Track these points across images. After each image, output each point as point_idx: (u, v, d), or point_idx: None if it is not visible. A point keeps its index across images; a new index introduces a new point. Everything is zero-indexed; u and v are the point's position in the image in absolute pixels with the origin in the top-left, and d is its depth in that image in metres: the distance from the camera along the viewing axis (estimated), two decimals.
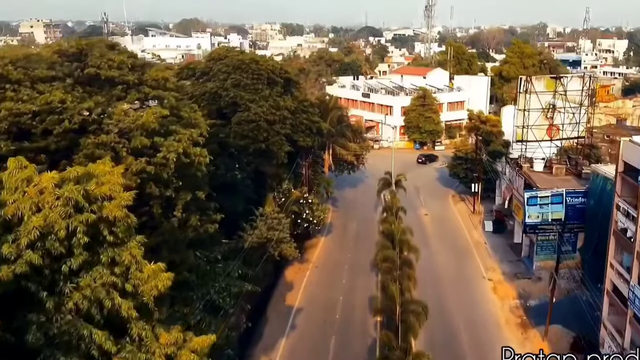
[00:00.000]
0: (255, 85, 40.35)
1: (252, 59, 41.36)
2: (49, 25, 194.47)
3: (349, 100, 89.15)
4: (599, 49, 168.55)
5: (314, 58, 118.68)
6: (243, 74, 40.58)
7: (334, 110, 51.20)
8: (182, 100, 30.08)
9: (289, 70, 46.10)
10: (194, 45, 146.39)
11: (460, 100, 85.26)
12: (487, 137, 57.95)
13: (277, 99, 40.73)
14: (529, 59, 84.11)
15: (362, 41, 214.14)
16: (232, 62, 41.32)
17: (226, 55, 42.57)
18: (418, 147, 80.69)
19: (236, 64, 40.98)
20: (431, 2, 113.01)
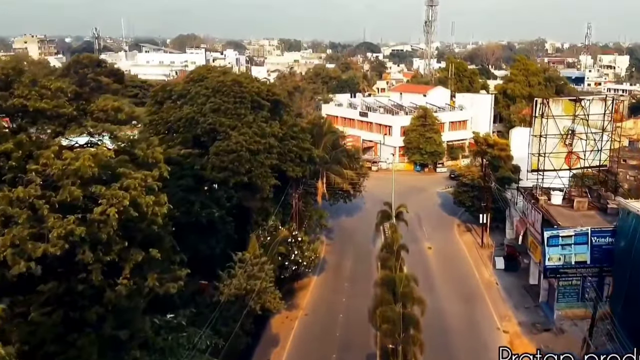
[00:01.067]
0: (238, 109, 35.20)
1: (234, 81, 36.23)
2: (43, 41, 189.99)
3: (346, 119, 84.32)
4: (600, 65, 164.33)
5: (310, 75, 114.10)
6: (224, 97, 35.46)
7: (328, 134, 46.07)
8: (143, 133, 24.86)
9: (278, 92, 40.92)
10: (189, 61, 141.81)
11: (462, 119, 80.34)
12: (494, 161, 52.86)
13: (263, 124, 35.56)
14: (534, 77, 79.35)
15: (360, 57, 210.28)
16: (211, 84, 36.20)
17: (206, 76, 37.46)
18: (419, 169, 75.57)
19: (216, 86, 35.86)
20: (431, 18, 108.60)
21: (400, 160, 77.18)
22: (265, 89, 38.96)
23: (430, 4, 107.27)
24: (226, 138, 33.69)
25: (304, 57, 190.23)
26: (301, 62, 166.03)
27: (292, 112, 41.48)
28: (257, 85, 37.47)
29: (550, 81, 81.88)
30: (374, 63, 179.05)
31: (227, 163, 32.96)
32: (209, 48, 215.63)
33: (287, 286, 37.87)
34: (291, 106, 41.91)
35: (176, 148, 34.01)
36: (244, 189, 34.81)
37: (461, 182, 52.96)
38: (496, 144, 53.22)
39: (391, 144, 77.29)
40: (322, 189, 45.58)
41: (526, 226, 41.12)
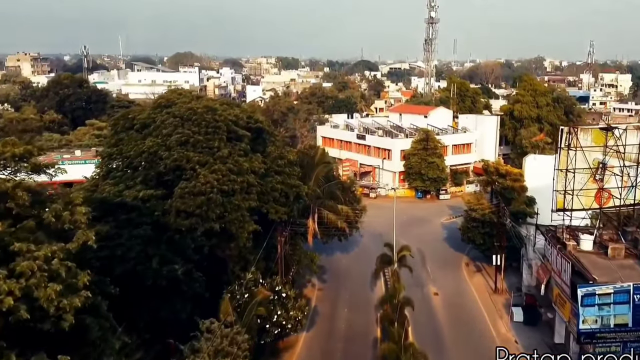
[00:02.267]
0: (210, 142, 29.10)
1: (206, 107, 30.19)
2: (37, 59, 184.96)
3: (342, 142, 78.35)
4: (602, 83, 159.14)
5: (306, 94, 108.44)
6: (193, 128, 29.40)
7: (320, 165, 39.90)
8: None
9: (261, 119, 34.86)
10: (181, 80, 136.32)
11: (466, 142, 74.42)
12: (507, 193, 46.77)
13: (240, 159, 29.44)
14: (542, 97, 73.53)
15: (358, 75, 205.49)
16: (180, 111, 30.16)
17: (175, 102, 31.41)
18: (420, 195, 69.33)
19: (185, 113, 29.82)
20: (431, 36, 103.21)
21: (401, 186, 70.98)
22: (245, 116, 32.94)
23: (430, 22, 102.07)
24: (193, 177, 27.50)
25: (300, 75, 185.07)
26: (298, 81, 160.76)
27: (279, 141, 35.28)
28: (234, 113, 31.35)
29: (559, 102, 76.08)
30: (372, 82, 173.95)
31: (193, 208, 26.72)
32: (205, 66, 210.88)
33: (269, 348, 31.53)
34: (277, 135, 35.74)
35: (135, 189, 27.94)
36: (217, 236, 28.57)
37: (469, 216, 46.67)
38: (508, 174, 47.23)
39: (391, 169, 71.22)
40: (313, 227, 39.29)
41: (550, 274, 34.83)
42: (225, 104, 33.07)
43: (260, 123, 33.99)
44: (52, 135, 60.26)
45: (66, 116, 75.26)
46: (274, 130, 35.51)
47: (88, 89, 78.75)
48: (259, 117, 34.69)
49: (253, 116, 34.26)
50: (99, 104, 78.69)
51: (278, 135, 35.50)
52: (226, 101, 34.45)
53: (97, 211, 27.37)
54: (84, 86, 79.03)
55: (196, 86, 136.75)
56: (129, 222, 26.49)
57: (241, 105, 36.13)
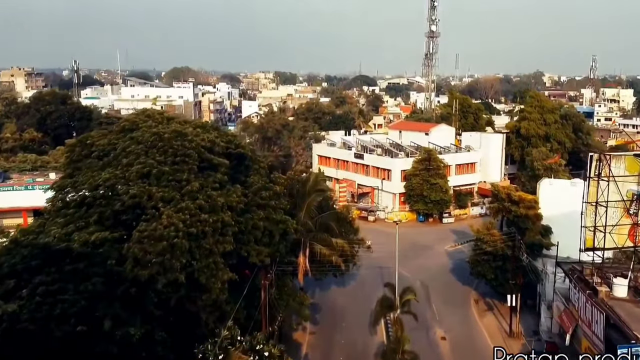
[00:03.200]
0: (178, 173, 24.22)
1: (175, 132, 25.31)
2: (31, 74, 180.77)
3: (339, 161, 73.51)
4: (603, 98, 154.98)
5: (302, 110, 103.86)
6: (159, 156, 24.54)
7: (313, 193, 34.99)
8: None
9: (244, 144, 30.07)
10: (176, 96, 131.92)
11: (470, 161, 69.63)
12: (520, 222, 41.87)
13: (214, 193, 24.51)
14: (550, 114, 68.89)
15: (356, 90, 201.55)
16: (144, 137, 25.31)
17: (140, 125, 26.57)
18: (422, 219, 64.34)
19: (150, 139, 24.96)
20: (432, 50, 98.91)
21: (401, 208, 66.12)
22: (223, 140, 28.10)
23: (430, 36, 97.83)
24: (155, 217, 22.54)
25: (298, 90, 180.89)
26: (295, 96, 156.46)
27: (263, 168, 30.34)
28: (209, 137, 26.47)
29: (567, 118, 71.46)
30: (370, 96, 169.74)
31: (153, 255, 21.72)
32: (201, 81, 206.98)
33: None
34: (262, 161, 30.80)
35: (88, 231, 23.03)
36: (186, 287, 23.53)
37: (479, 247, 41.64)
38: (522, 201, 42.29)
39: (390, 190, 66.32)
40: (304, 264, 34.31)
41: (577, 323, 29.79)
42: (200, 127, 28.24)
43: (242, 148, 29.13)
44: (27, 156, 55.38)
45: (48, 134, 70.49)
46: (259, 156, 30.53)
47: (72, 106, 74.04)
48: (240, 142, 29.79)
49: (234, 140, 29.37)
50: (83, 122, 73.94)
51: (263, 161, 30.55)
52: (202, 124, 29.54)
53: (37, 260, 22.61)
54: (67, 103, 74.35)
55: (190, 101, 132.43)
56: (76, 273, 21.61)
57: (220, 127, 31.05)
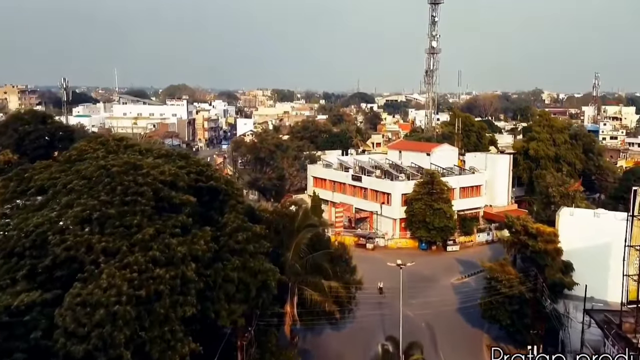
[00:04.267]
0: (127, 217, 19.06)
1: (126, 164, 20.21)
2: (24, 91, 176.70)
3: (336, 183, 68.43)
4: (605, 116, 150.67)
5: (298, 128, 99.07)
6: (104, 195, 19.41)
7: (303, 229, 29.80)
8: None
9: (218, 174, 24.93)
10: (169, 113, 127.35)
11: (476, 184, 64.55)
12: (539, 258, 36.65)
13: (174, 241, 19.31)
14: (559, 134, 64.10)
15: (354, 107, 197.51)
16: (89, 170, 20.19)
17: (87, 154, 21.48)
18: (424, 247, 59.05)
19: (95, 173, 19.84)
20: (432, 67, 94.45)
21: (401, 235, 60.87)
22: (192, 172, 23.04)
23: (431, 52, 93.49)
24: (94, 276, 17.33)
25: (294, 108, 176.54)
26: (291, 114, 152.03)
27: (242, 203, 25.16)
28: (172, 170, 21.35)
29: (577, 138, 66.69)
30: (368, 114, 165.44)
31: (89, 327, 16.45)
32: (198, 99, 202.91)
33: None
34: (240, 194, 25.62)
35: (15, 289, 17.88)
36: None
37: (492, 287, 36.35)
38: (540, 234, 37.06)
39: (390, 216, 61.12)
40: (292, 314, 28.99)
41: None
42: (163, 156, 23.14)
43: (215, 180, 23.96)
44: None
45: (26, 156, 65.14)
46: (236, 189, 25.36)
47: (52, 125, 69.08)
48: (214, 172, 24.65)
49: (205, 171, 24.23)
50: (65, 142, 68.65)
51: (241, 195, 25.41)
52: (166, 152, 24.37)
53: None
54: (47, 122, 69.36)
55: (184, 119, 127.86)
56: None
57: (192, 156, 25.86)
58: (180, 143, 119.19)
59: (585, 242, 37.27)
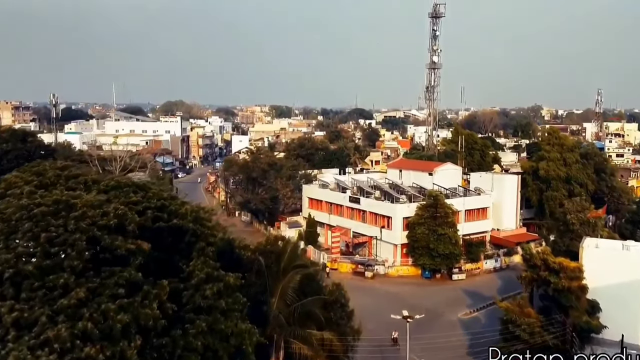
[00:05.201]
0: (51, 276, 14.25)
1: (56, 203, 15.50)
2: (18, 108, 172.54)
3: (332, 204, 63.71)
4: (607, 132, 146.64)
5: (293, 146, 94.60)
6: (23, 245, 14.67)
7: (291, 270, 25.01)
8: None
9: (186, 209, 20.14)
10: (162, 130, 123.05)
11: (482, 206, 59.88)
12: (562, 297, 31.90)
13: (112, 306, 14.49)
14: (570, 153, 59.62)
15: (352, 123, 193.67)
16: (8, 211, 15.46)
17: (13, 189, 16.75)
18: (428, 275, 54.11)
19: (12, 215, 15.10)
20: (433, 83, 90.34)
21: (403, 261, 56.00)
22: (151, 207, 18.34)
23: (432, 67, 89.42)
24: None
25: (291, 124, 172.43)
26: (288, 130, 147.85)
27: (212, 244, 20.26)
28: (121, 209, 16.63)
29: (588, 158, 62.23)
30: (366, 130, 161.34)
31: None
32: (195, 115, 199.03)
33: None
34: (212, 234, 20.77)
35: None
36: None
37: (510, 332, 31.45)
38: (564, 269, 32.32)
39: (391, 241, 56.30)
40: None
41: None
42: (113, 189, 18.43)
43: (180, 218, 19.25)
44: None
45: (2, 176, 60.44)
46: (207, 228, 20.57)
47: (32, 144, 64.55)
48: (179, 207, 19.92)
49: (169, 206, 19.53)
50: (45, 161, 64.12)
51: (214, 233, 20.62)
52: (117, 183, 19.48)
53: None
54: (27, 140, 64.84)
55: (177, 136, 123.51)
56: None
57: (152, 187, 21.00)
58: (173, 160, 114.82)
59: (613, 278, 32.70)
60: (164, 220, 19.06)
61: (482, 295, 48.47)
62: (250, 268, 24.29)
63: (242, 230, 72.59)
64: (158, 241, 18.85)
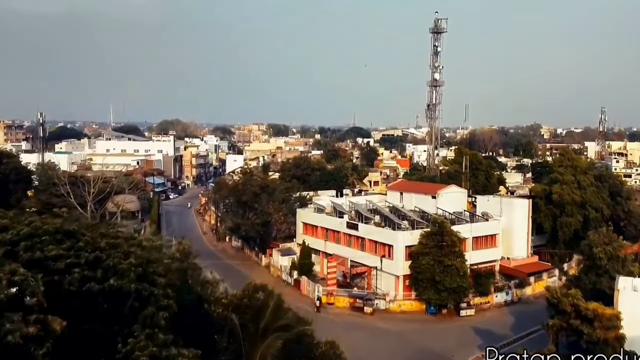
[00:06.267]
0: None
1: None
2: (11, 127, 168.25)
3: (328, 230, 58.58)
4: (609, 151, 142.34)
5: (289, 166, 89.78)
6: None
7: (273, 332, 19.77)
8: None
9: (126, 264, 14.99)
10: (155, 150, 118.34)
11: (491, 233, 54.77)
12: (597, 349, 26.74)
13: None
14: (584, 176, 54.78)
15: (350, 142, 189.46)
16: None
17: None
18: (433, 310, 48.65)
19: None
20: (435, 101, 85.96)
21: (405, 295, 50.63)
22: (70, 266, 13.25)
23: (433, 85, 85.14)
24: None
25: (288, 143, 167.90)
26: (285, 149, 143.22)
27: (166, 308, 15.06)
28: (21, 269, 11.52)
29: (602, 180, 57.43)
30: (364, 149, 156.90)
31: None
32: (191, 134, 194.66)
33: None
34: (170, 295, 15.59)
35: None
36: None
37: None
38: (598, 317, 27.21)
39: (392, 272, 51.03)
40: None
41: None
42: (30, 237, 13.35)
43: (121, 277, 14.19)
44: None
45: None
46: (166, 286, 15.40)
47: (7, 167, 59.56)
48: (119, 261, 14.79)
49: (107, 258, 14.46)
50: (20, 184, 59.34)
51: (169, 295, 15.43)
52: (35, 228, 14.18)
53: None
54: (2, 162, 59.90)
55: (170, 155, 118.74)
56: None
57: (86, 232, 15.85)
58: (164, 181, 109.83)
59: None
60: (97, 281, 14.01)
61: (495, 335, 43.11)
62: (221, 328, 19.22)
63: (233, 257, 67.40)
64: (88, 309, 13.79)
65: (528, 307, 49.72)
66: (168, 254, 23.92)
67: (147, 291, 14.96)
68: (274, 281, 57.26)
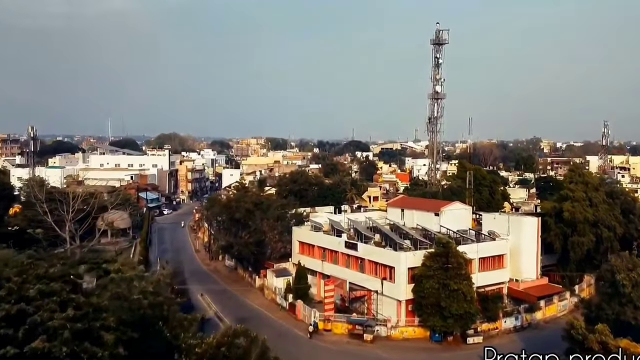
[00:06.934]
0: None
1: None
2: (6, 141, 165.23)
3: (326, 250, 55.09)
4: (612, 165, 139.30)
5: (285, 181, 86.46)
6: None
7: None
8: None
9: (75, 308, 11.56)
10: (149, 164, 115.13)
11: (498, 253, 51.34)
12: None
13: None
14: (595, 192, 51.52)
15: (349, 156, 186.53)
16: None
17: None
18: (438, 338, 44.95)
19: None
20: (437, 114, 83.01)
21: (408, 321, 46.98)
22: None
23: (435, 97, 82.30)
24: None
25: (286, 157, 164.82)
26: (282, 163, 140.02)
27: None
28: None
29: (614, 197, 54.15)
30: (363, 163, 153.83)
31: None
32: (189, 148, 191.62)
33: None
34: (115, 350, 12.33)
35: None
36: None
37: None
38: (629, 356, 23.72)
39: (394, 296, 47.43)
40: None
41: None
42: None
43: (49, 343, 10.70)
44: None
45: None
46: None
47: None
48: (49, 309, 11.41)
49: None
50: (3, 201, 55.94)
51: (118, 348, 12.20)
52: None
53: None
54: None
55: (165, 170, 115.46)
56: None
57: None
58: (158, 196, 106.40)
59: None
60: (17, 343, 10.58)
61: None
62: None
63: (225, 277, 63.72)
64: None
65: (539, 333, 46.20)
66: (140, 287, 20.66)
67: (87, 354, 11.52)
68: (268, 304, 53.63)
